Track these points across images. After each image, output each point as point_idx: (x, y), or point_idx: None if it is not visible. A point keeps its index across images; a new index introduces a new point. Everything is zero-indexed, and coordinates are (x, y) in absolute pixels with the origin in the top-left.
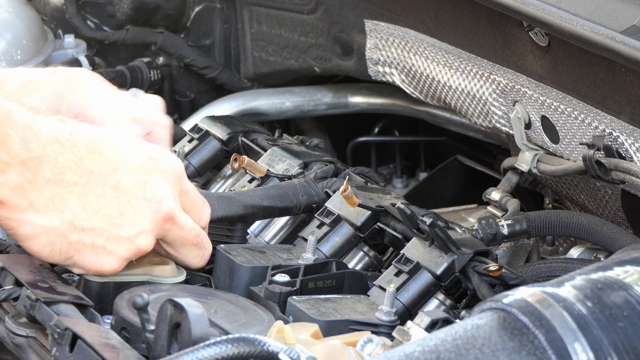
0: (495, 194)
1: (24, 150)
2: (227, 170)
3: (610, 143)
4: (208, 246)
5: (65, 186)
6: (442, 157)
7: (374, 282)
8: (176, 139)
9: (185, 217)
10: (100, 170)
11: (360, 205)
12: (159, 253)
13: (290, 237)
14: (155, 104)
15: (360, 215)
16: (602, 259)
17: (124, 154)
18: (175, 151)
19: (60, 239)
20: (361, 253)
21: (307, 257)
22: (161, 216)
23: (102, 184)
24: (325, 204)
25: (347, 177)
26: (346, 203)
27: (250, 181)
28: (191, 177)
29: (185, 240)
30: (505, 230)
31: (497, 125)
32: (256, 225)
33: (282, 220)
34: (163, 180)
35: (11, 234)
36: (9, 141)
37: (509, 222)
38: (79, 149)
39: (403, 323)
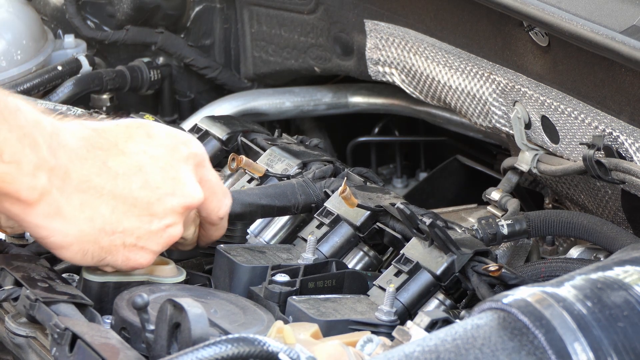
0: (495, 194)
1: (52, 157)
2: (227, 170)
3: (610, 143)
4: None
5: (93, 193)
6: (442, 157)
7: (374, 282)
8: None
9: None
10: (126, 171)
11: (359, 206)
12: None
13: (290, 237)
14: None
15: (359, 215)
16: (602, 259)
17: (147, 150)
18: None
19: (92, 245)
20: (361, 253)
21: (307, 257)
22: (190, 207)
23: (129, 184)
24: (325, 204)
25: (345, 178)
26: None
27: (249, 181)
28: None
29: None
30: (505, 230)
31: (497, 125)
32: (256, 225)
33: (281, 220)
34: (188, 171)
35: (43, 243)
36: (38, 147)
37: (509, 222)
38: (103, 152)
39: (403, 323)
